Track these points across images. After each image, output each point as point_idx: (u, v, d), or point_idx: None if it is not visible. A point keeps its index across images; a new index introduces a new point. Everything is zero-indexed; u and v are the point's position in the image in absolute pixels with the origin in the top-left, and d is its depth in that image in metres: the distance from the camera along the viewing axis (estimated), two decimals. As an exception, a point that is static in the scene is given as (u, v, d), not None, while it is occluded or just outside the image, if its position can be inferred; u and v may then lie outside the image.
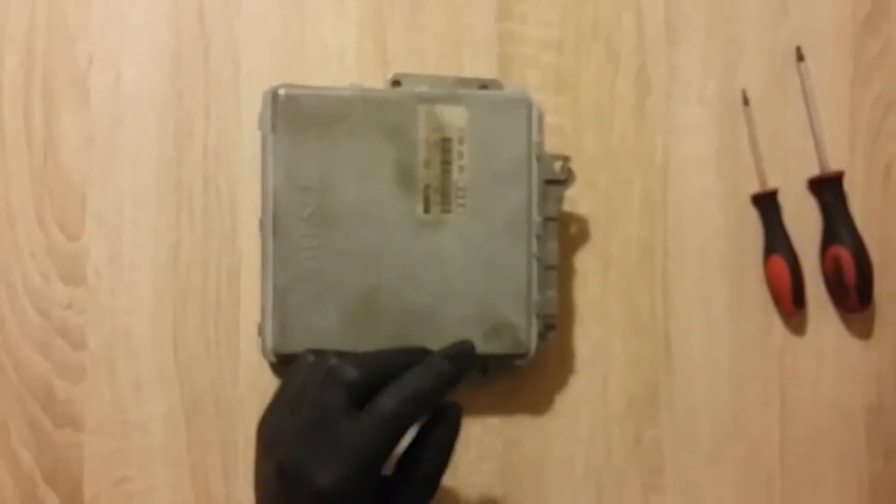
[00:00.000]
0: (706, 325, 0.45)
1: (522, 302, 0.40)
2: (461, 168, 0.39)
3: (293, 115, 0.38)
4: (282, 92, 0.38)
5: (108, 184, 0.42)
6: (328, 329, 0.38)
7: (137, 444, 0.41)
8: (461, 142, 0.39)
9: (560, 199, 0.41)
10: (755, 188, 0.46)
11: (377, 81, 0.43)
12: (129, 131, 0.42)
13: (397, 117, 0.39)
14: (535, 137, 0.40)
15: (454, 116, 0.39)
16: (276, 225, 0.38)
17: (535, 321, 0.40)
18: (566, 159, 0.41)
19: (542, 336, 0.41)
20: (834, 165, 0.46)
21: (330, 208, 0.38)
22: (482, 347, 0.39)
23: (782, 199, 0.46)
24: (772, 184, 0.46)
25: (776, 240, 0.45)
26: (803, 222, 0.46)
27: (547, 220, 0.41)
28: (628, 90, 0.46)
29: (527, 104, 0.40)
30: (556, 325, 0.41)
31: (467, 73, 0.44)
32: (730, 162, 0.46)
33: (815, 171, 0.46)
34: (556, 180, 0.41)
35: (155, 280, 0.42)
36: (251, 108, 0.41)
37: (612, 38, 0.46)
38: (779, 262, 0.45)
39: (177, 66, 0.42)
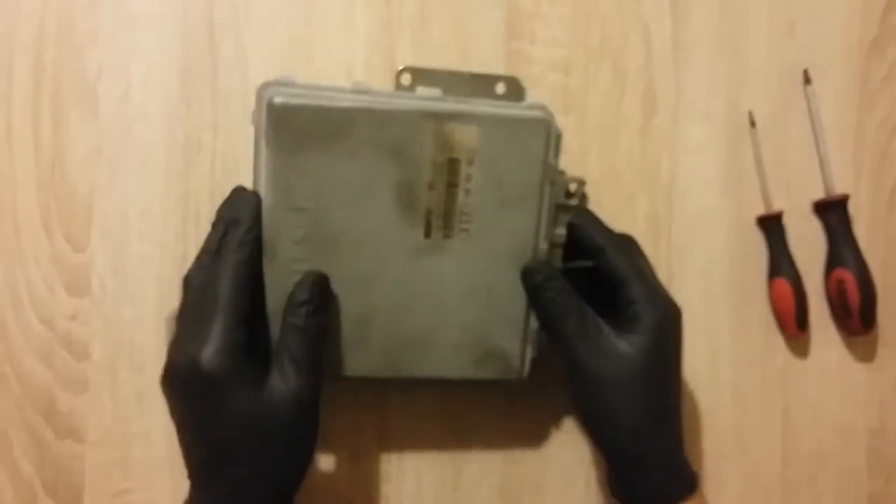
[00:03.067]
0: (709, 345, 0.46)
1: (518, 329, 0.39)
2: (467, 191, 0.37)
3: (289, 129, 0.34)
4: (278, 101, 0.34)
5: (114, 194, 0.42)
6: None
7: (139, 456, 0.41)
8: (470, 163, 0.36)
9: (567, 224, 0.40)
10: (760, 210, 0.46)
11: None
12: (136, 142, 0.42)
13: (403, 135, 0.36)
14: (550, 160, 0.37)
15: (465, 136, 0.36)
16: (266, 248, 0.35)
17: (529, 348, 0.39)
18: (581, 183, 0.39)
19: (535, 362, 0.40)
20: (839, 188, 0.46)
21: (324, 231, 0.36)
22: (473, 373, 0.39)
23: (787, 221, 0.46)
24: (777, 206, 0.46)
25: (780, 262, 0.45)
26: (808, 245, 0.46)
27: (552, 245, 0.39)
28: (635, 110, 0.46)
29: (545, 125, 0.37)
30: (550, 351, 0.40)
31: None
32: (735, 183, 0.46)
33: (820, 193, 0.46)
34: (568, 205, 0.39)
35: (160, 292, 0.42)
36: (259, 122, 0.41)
37: (620, 58, 0.46)
38: (783, 284, 0.45)
39: (185, 78, 0.43)
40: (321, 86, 0.36)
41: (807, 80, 0.47)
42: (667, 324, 0.38)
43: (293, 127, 0.34)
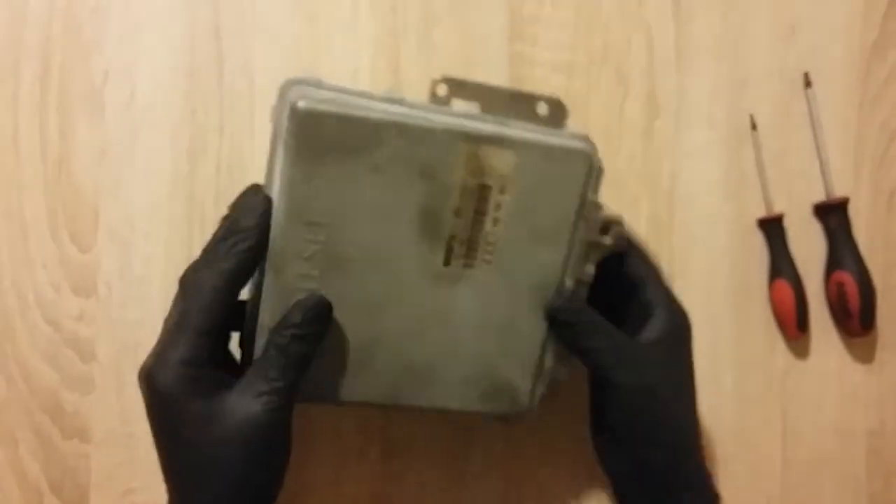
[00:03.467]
0: (710, 346, 0.46)
1: (531, 365, 0.37)
2: (495, 220, 0.34)
3: (312, 137, 0.31)
4: (302, 106, 0.31)
5: (120, 197, 0.42)
6: (316, 376, 0.34)
7: (144, 457, 0.42)
8: (502, 191, 0.34)
9: (599, 264, 0.37)
10: (761, 212, 0.46)
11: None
12: (143, 145, 0.42)
13: (435, 155, 0.33)
14: (589, 196, 0.35)
15: (500, 162, 0.33)
16: (272, 260, 0.33)
17: (539, 385, 0.38)
18: (619, 223, 0.37)
19: (544, 398, 0.38)
20: (839, 191, 0.46)
21: (337, 249, 0.33)
22: (478, 406, 0.37)
23: (787, 223, 0.46)
24: (777, 208, 0.46)
25: (781, 264, 0.46)
26: (808, 247, 0.46)
27: (578, 283, 0.36)
28: (637, 113, 0.46)
29: (586, 157, 0.34)
30: (562, 389, 0.39)
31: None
32: (736, 186, 0.47)
33: (820, 196, 0.47)
34: (600, 243, 0.36)
35: (165, 293, 0.42)
36: (265, 125, 0.41)
37: (622, 62, 0.46)
38: (783, 286, 0.45)
39: (191, 82, 0.43)
40: (350, 89, 0.33)
41: (807, 83, 0.47)
42: (687, 331, 0.39)
43: (317, 135, 0.31)
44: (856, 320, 0.45)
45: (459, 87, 0.36)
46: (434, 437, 0.44)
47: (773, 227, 0.46)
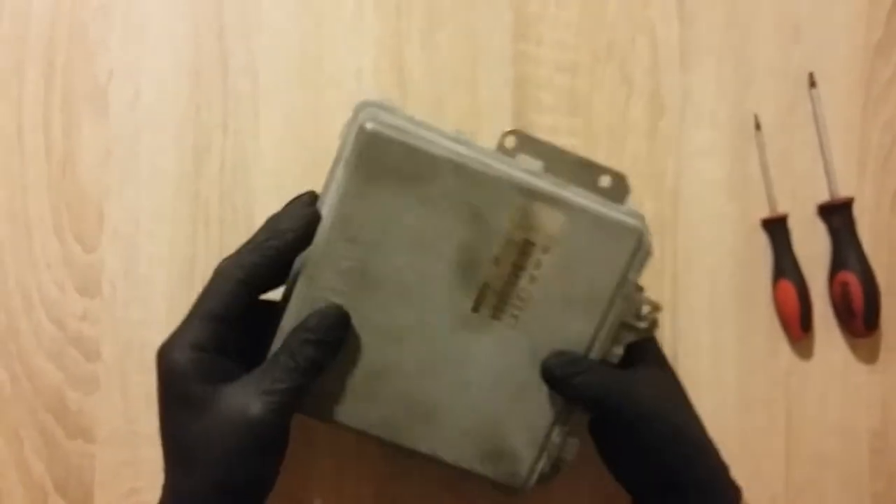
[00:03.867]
0: (714, 347, 0.46)
1: (538, 437, 0.36)
2: (532, 278, 0.34)
3: (373, 158, 0.33)
4: (369, 127, 0.32)
5: (125, 196, 0.42)
6: (322, 390, 0.34)
7: (148, 456, 0.42)
8: (545, 251, 0.34)
9: (627, 347, 0.36)
10: (765, 212, 0.46)
11: (392, 97, 0.43)
12: (147, 145, 0.43)
13: (486, 201, 0.33)
14: (631, 275, 0.35)
15: (549, 221, 0.34)
16: (307, 267, 0.34)
17: (544, 459, 0.36)
18: (656, 308, 0.36)
19: (543, 477, 0.36)
20: (843, 191, 0.46)
21: (371, 270, 0.34)
22: (475, 465, 0.36)
23: (792, 223, 0.46)
24: (782, 208, 0.46)
25: (785, 264, 0.46)
26: (812, 247, 0.46)
27: (604, 362, 0.36)
28: (641, 113, 0.46)
29: (636, 236, 0.34)
30: (567, 469, 0.37)
31: (483, 91, 0.45)
32: (740, 186, 0.46)
33: (824, 196, 0.47)
34: (634, 326, 0.36)
35: (169, 293, 0.42)
36: (269, 123, 0.42)
37: (626, 61, 0.46)
38: (787, 286, 0.45)
39: (196, 81, 0.43)
40: (420, 121, 0.34)
41: (812, 83, 0.47)
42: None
43: (377, 158, 0.33)
44: (860, 320, 0.45)
45: (527, 143, 0.36)
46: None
47: (776, 228, 0.46)
